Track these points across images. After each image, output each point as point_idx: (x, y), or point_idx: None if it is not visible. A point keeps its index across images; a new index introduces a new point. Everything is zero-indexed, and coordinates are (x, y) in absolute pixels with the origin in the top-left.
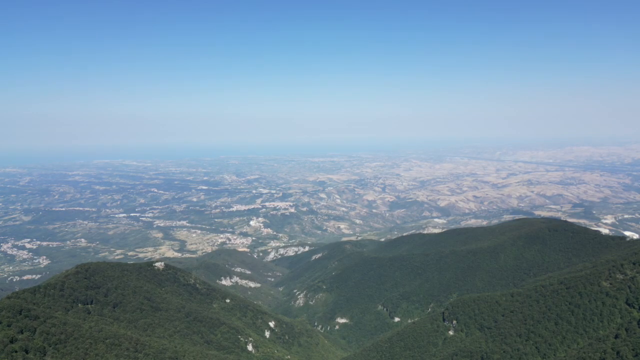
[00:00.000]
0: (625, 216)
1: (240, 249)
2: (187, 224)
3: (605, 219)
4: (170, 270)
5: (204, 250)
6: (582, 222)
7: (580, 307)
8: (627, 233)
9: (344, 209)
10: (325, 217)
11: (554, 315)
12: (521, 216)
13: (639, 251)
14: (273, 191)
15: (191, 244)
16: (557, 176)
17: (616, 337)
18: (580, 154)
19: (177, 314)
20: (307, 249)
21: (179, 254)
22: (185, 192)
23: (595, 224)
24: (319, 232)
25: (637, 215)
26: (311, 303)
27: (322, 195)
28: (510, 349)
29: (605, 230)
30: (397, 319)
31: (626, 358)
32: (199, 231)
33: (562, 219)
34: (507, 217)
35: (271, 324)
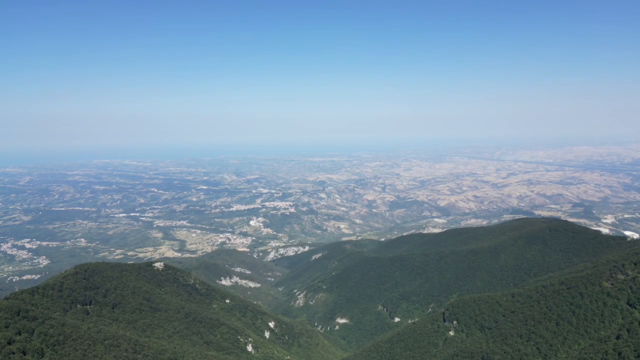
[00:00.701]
0: (626, 216)
1: (240, 249)
2: (187, 224)
3: (605, 218)
4: (170, 270)
5: (203, 250)
6: (582, 221)
7: (581, 308)
8: (627, 233)
9: (344, 208)
10: (325, 217)
11: (555, 315)
12: (521, 216)
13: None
14: (273, 191)
15: (191, 244)
16: (557, 176)
17: (618, 337)
18: (580, 153)
19: (176, 315)
20: (307, 248)
21: (179, 254)
22: (185, 192)
23: (595, 224)
24: (319, 232)
25: (637, 215)
26: (311, 303)
27: (322, 195)
28: (511, 350)
29: (605, 230)
30: (397, 319)
31: (628, 359)
32: (199, 231)
33: (562, 218)
34: (507, 217)
35: (271, 324)
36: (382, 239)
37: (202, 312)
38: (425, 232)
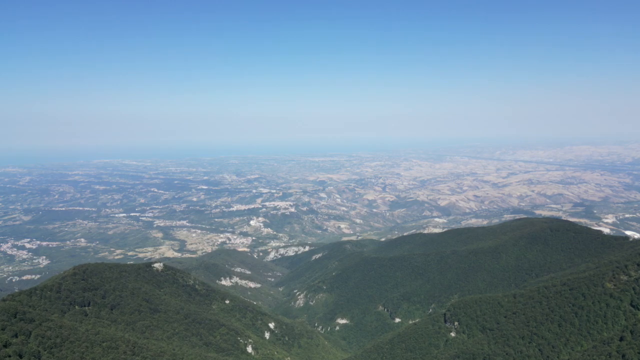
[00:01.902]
0: (627, 215)
1: (240, 249)
2: (187, 224)
3: (606, 218)
4: (169, 271)
5: (203, 250)
6: (583, 221)
7: (584, 309)
8: (628, 232)
9: (344, 208)
10: (326, 217)
11: (557, 317)
12: (522, 216)
13: None
14: (273, 191)
15: (191, 244)
16: (557, 175)
17: (621, 339)
18: (580, 153)
19: (175, 316)
20: (307, 248)
21: (179, 254)
22: (185, 192)
23: (596, 224)
24: (319, 231)
25: (638, 214)
26: (311, 303)
27: (322, 195)
28: (513, 351)
29: (606, 230)
30: (398, 320)
31: None
32: (199, 231)
33: (563, 218)
34: (507, 217)
35: (271, 325)
36: (383, 239)
37: (202, 313)
38: (425, 232)
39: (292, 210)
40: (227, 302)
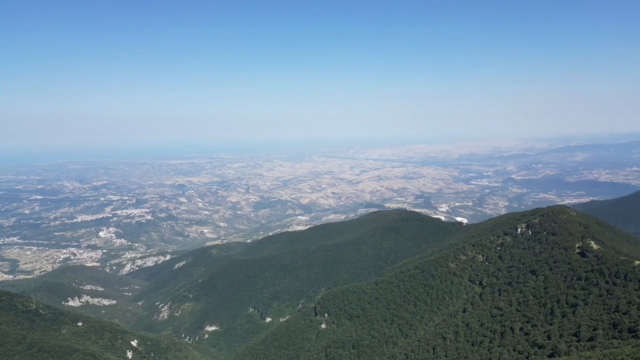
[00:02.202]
0: (456, 204)
1: (89, 264)
2: (19, 240)
3: (441, 207)
4: (4, 296)
5: (42, 270)
6: (424, 211)
7: (433, 288)
8: (458, 219)
9: (206, 212)
10: (187, 223)
11: (413, 297)
12: (374, 209)
13: (475, 234)
14: (125, 197)
15: (25, 263)
16: (401, 171)
17: (464, 311)
18: (418, 151)
19: (16, 347)
20: (168, 257)
21: (10, 276)
22: (14, 204)
23: (434, 212)
24: (180, 238)
25: (464, 203)
26: (177, 314)
27: (182, 200)
28: (378, 334)
29: (442, 217)
30: (268, 320)
31: (474, 328)
32: (35, 248)
33: (407, 209)
34: (362, 211)
35: (133, 343)
36: (249, 241)
37: (50, 340)
38: (290, 230)
39: (149, 217)
40: (80, 324)
